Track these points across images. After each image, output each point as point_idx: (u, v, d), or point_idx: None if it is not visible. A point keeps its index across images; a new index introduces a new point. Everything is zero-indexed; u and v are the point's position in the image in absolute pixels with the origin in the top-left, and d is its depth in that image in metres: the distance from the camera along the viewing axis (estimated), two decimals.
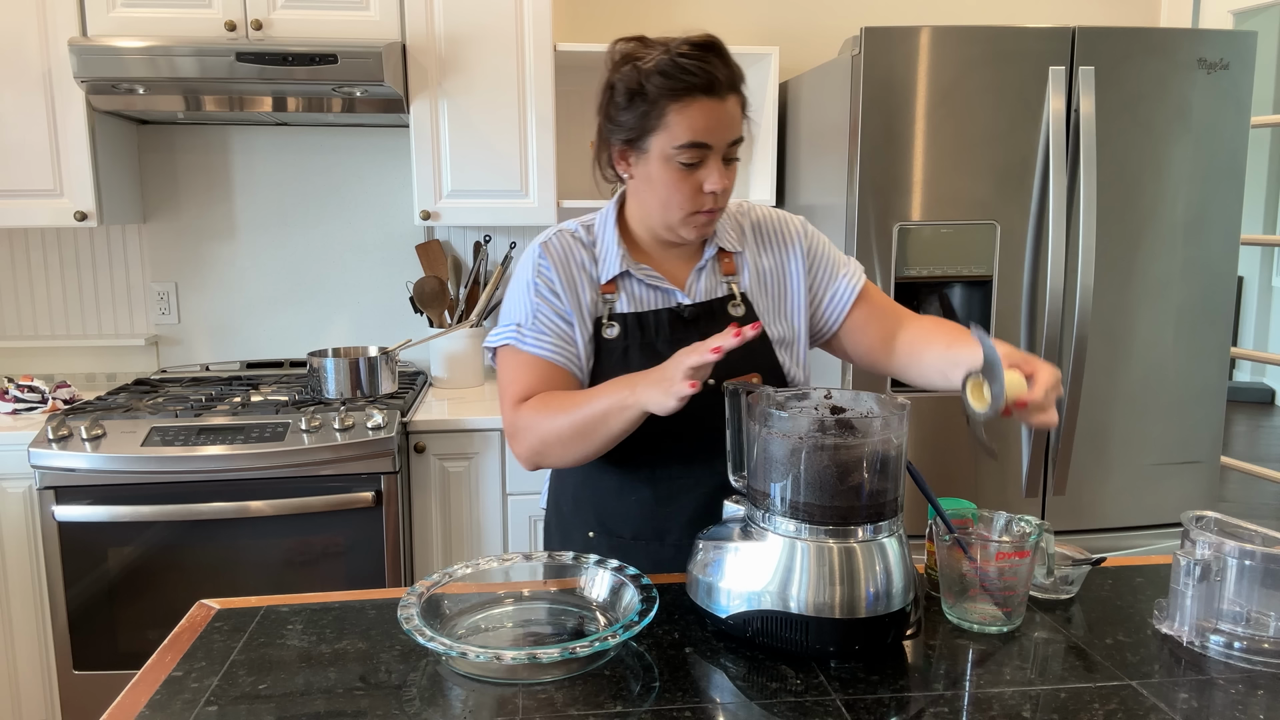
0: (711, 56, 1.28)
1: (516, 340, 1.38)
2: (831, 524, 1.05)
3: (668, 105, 1.27)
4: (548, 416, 1.30)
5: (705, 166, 1.30)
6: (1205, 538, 1.08)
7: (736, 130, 1.30)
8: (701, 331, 1.37)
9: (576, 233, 1.43)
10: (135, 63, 2.29)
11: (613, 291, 1.40)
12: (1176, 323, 2.34)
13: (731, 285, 1.43)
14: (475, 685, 0.99)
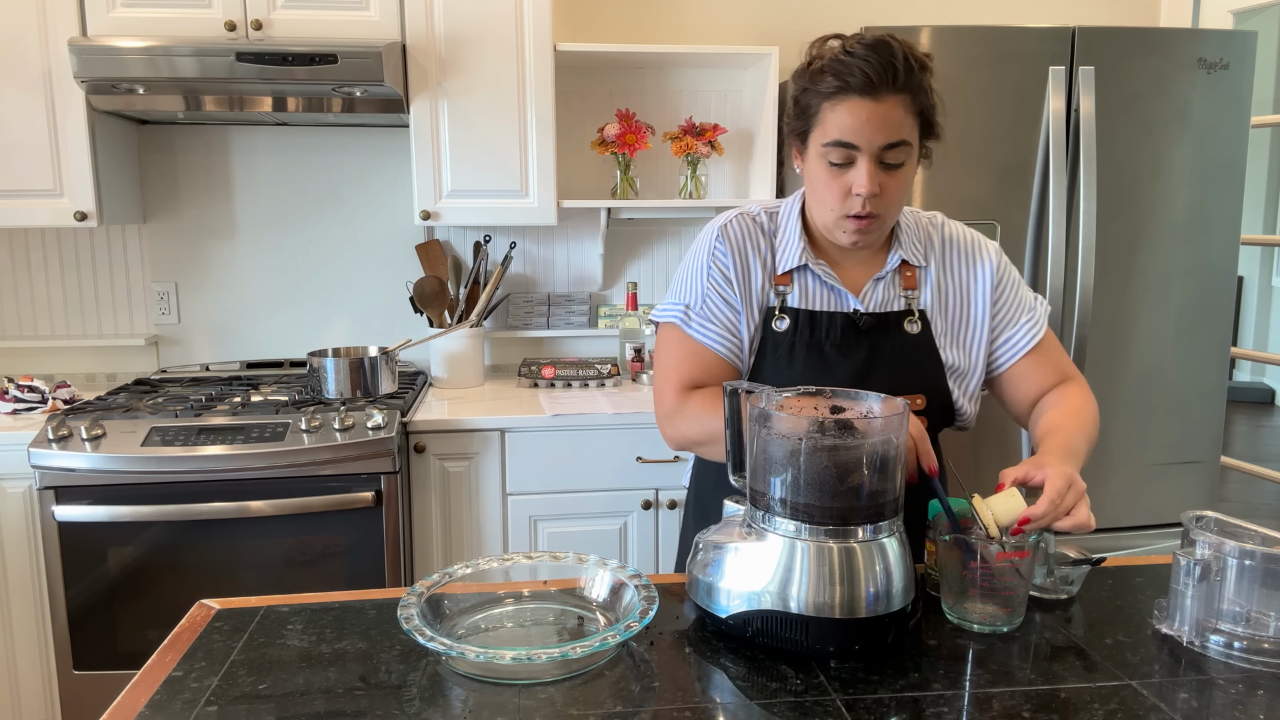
0: (874, 55, 1.25)
1: (683, 322, 1.39)
2: (831, 524, 1.05)
3: (822, 102, 1.27)
4: (714, 414, 1.32)
5: (855, 168, 1.27)
6: (1205, 538, 1.08)
7: (892, 133, 1.26)
8: (874, 343, 1.35)
9: (758, 217, 1.42)
10: (135, 63, 2.29)
11: (787, 283, 1.38)
12: (1176, 323, 2.34)
13: (910, 300, 1.40)
14: (475, 685, 0.99)
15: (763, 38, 2.96)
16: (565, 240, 2.99)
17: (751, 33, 2.97)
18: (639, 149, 2.76)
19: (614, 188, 2.88)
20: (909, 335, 1.38)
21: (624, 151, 2.77)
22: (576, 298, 2.98)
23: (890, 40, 1.27)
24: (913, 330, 1.38)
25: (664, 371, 1.41)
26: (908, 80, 1.27)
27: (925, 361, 1.38)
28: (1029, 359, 1.43)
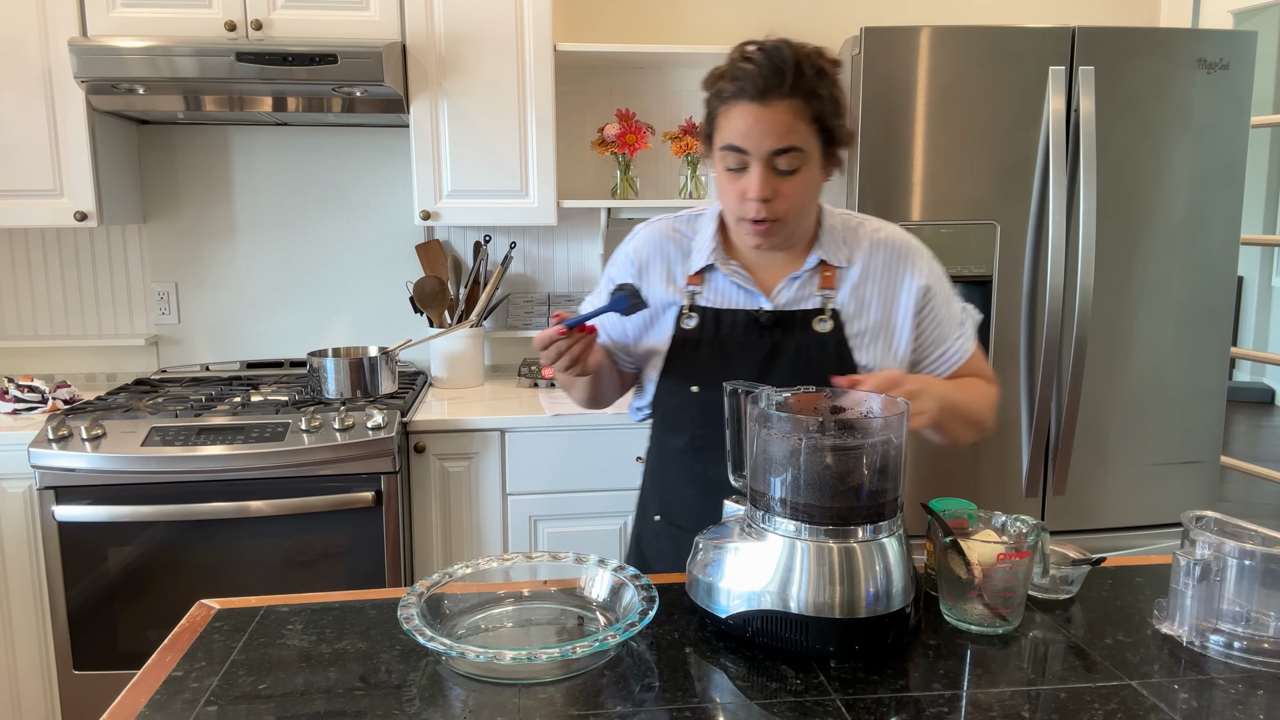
0: (767, 61, 1.27)
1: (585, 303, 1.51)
2: (831, 524, 1.05)
3: (719, 106, 1.31)
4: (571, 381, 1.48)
5: (748, 172, 1.29)
6: (1205, 538, 1.07)
7: (781, 138, 1.26)
8: (776, 340, 1.36)
9: (677, 224, 1.47)
10: (135, 63, 2.29)
11: (698, 283, 1.41)
12: (1176, 323, 2.34)
13: (825, 299, 1.39)
14: (475, 685, 0.99)
15: (762, 38, 2.95)
16: (565, 240, 2.99)
17: (751, 33, 2.95)
18: (639, 149, 2.76)
19: (614, 188, 2.88)
20: (816, 333, 1.37)
21: (624, 151, 2.77)
22: (576, 298, 2.98)
23: (786, 46, 1.29)
24: (822, 329, 1.37)
25: None
26: (798, 85, 1.26)
27: (832, 360, 1.37)
28: (956, 372, 1.47)
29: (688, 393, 1.39)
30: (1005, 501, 2.34)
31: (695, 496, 1.41)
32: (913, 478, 2.33)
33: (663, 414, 1.46)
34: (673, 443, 1.44)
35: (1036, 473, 2.34)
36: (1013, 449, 2.33)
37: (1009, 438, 2.33)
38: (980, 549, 1.11)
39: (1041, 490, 2.35)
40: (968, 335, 1.48)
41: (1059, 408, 2.30)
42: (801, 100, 1.26)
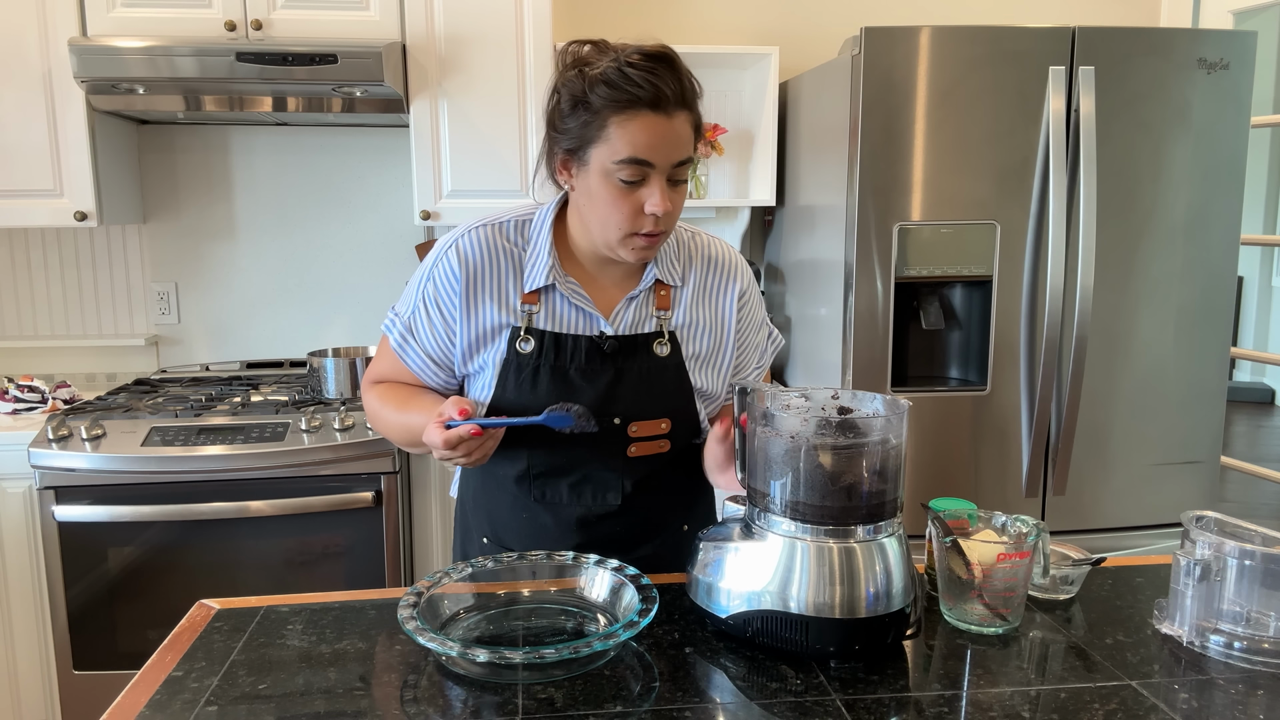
0: (662, 69, 1.19)
1: (388, 328, 1.40)
2: (831, 524, 1.05)
3: (610, 116, 1.19)
4: (381, 407, 1.37)
5: (647, 186, 1.21)
6: (1205, 538, 1.08)
7: (684, 150, 1.22)
8: (619, 366, 1.31)
9: (504, 228, 1.34)
10: (135, 63, 2.29)
11: (535, 302, 1.32)
12: (1176, 323, 2.34)
13: (661, 321, 1.35)
14: (475, 685, 0.99)
15: (763, 38, 2.96)
16: None
17: (751, 33, 2.97)
18: None
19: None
20: (657, 358, 1.34)
21: None
22: None
23: (671, 52, 1.22)
24: (661, 353, 1.34)
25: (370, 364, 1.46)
26: (691, 96, 1.23)
27: (672, 385, 1.34)
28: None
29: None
30: (1005, 501, 2.34)
31: (529, 522, 1.37)
32: (913, 477, 2.33)
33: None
34: (505, 469, 1.36)
35: (1036, 473, 2.34)
36: (1013, 449, 2.33)
37: (1009, 438, 2.33)
38: (980, 549, 1.11)
39: (1041, 490, 2.35)
40: (767, 360, 1.50)
41: (1059, 408, 2.30)
42: (691, 111, 1.23)
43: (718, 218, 3.03)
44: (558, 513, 1.36)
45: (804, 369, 2.68)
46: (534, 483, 1.35)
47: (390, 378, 1.40)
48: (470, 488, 1.46)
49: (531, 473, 1.35)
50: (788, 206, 2.79)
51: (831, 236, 2.39)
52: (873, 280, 2.25)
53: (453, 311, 1.33)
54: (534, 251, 1.33)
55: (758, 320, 1.46)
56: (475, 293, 1.32)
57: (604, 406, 1.30)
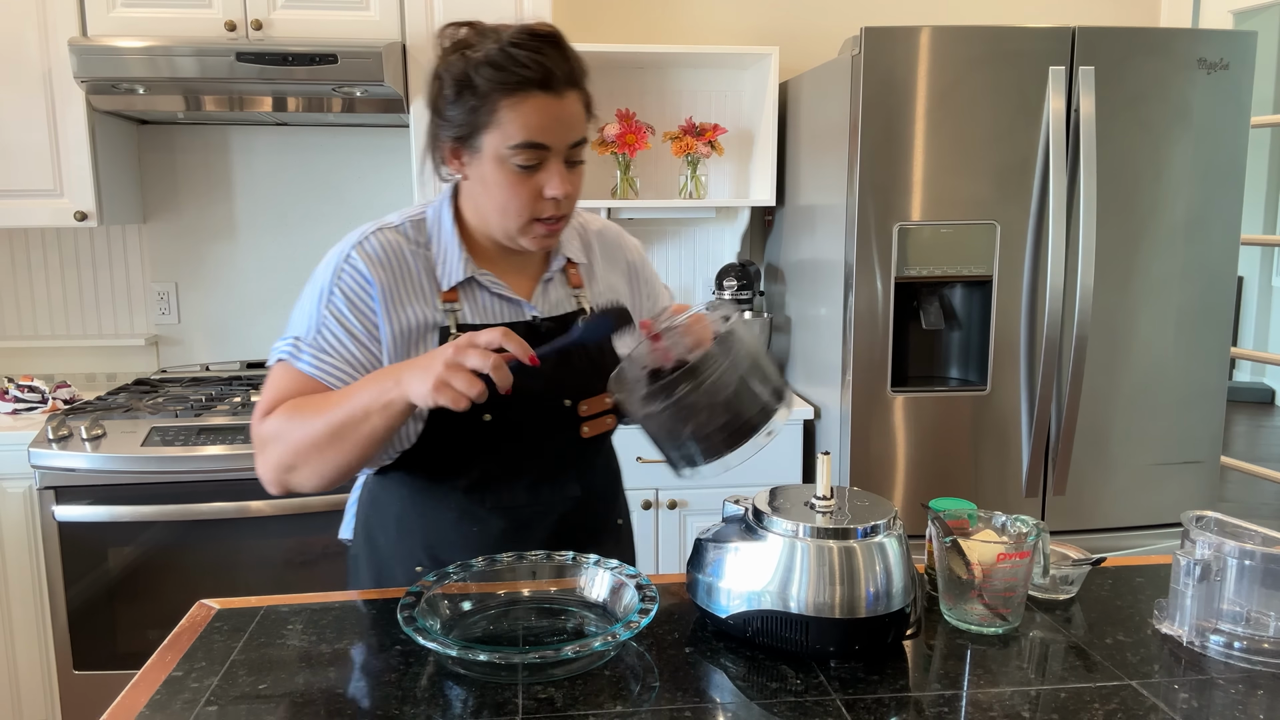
0: (548, 48, 1.15)
1: (291, 356, 1.20)
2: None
3: (499, 100, 1.14)
4: (298, 421, 1.14)
5: (545, 169, 1.18)
6: (1205, 538, 1.08)
7: (579, 130, 1.19)
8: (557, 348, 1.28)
9: (403, 229, 1.28)
10: (135, 63, 2.29)
11: (455, 300, 1.26)
12: (1176, 323, 2.34)
13: (580, 298, 1.34)
14: (475, 685, 0.99)
15: (763, 38, 2.96)
16: None
17: (751, 33, 2.97)
18: (639, 149, 2.76)
19: (614, 188, 2.88)
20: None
21: (624, 151, 2.77)
22: None
23: (556, 31, 1.17)
24: None
25: (260, 398, 1.21)
26: (580, 75, 1.18)
27: (606, 360, 1.31)
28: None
29: (478, 423, 1.23)
30: (1005, 501, 2.34)
31: (480, 534, 1.29)
32: (913, 477, 2.33)
33: (436, 453, 1.26)
34: (449, 483, 1.28)
35: (1036, 473, 2.34)
36: (1013, 449, 2.33)
37: (1009, 438, 2.33)
38: (980, 549, 1.11)
39: (1041, 490, 2.35)
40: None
41: (1059, 408, 2.30)
42: (581, 91, 1.19)
43: (718, 218, 3.03)
44: (513, 516, 1.30)
45: (804, 369, 2.68)
46: (487, 490, 1.27)
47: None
48: (390, 512, 1.32)
49: (483, 480, 1.27)
50: (788, 206, 2.79)
51: (831, 236, 2.39)
52: (873, 280, 2.25)
53: (373, 316, 1.22)
54: (440, 249, 1.27)
55: (655, 280, 1.47)
56: (394, 293, 1.23)
57: (553, 390, 1.28)
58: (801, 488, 1.16)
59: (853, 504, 1.12)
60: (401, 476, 1.31)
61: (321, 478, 1.16)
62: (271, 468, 1.17)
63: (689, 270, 3.06)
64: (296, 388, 1.19)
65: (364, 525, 1.38)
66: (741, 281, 2.79)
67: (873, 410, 2.29)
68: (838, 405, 2.37)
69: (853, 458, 2.31)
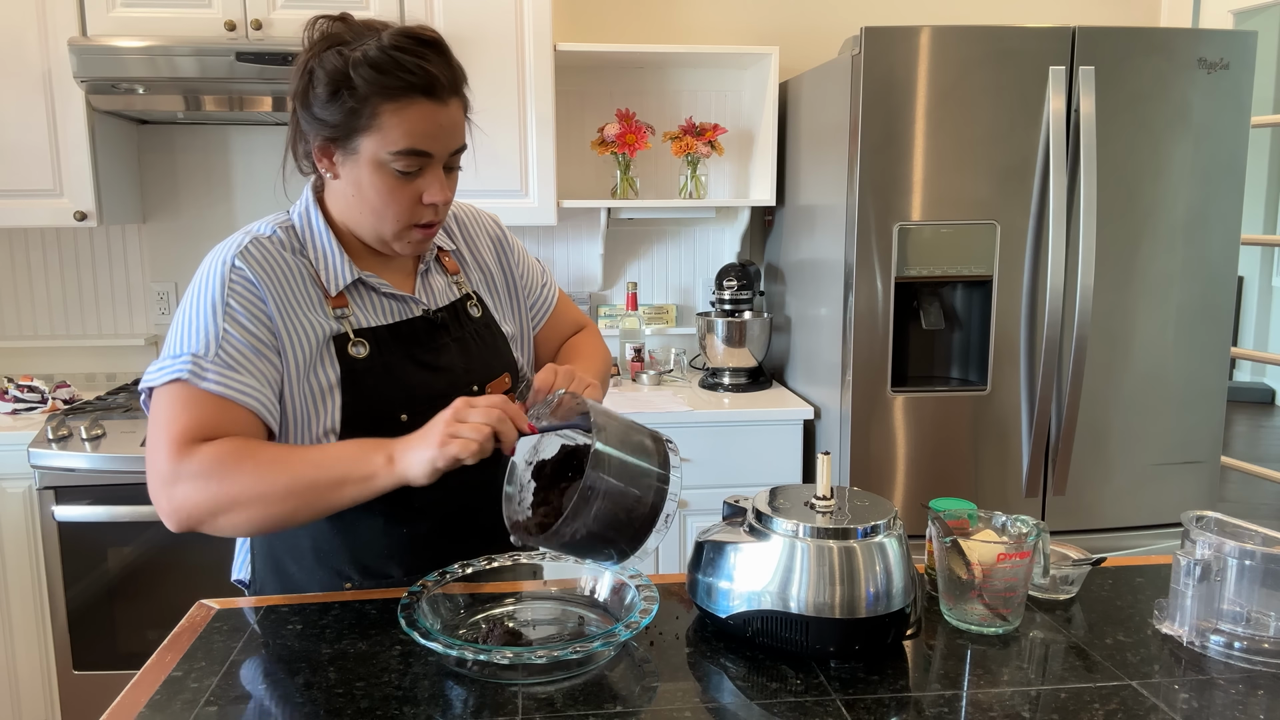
0: (432, 54, 1.12)
1: (194, 375, 1.09)
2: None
3: (381, 104, 1.10)
4: (248, 467, 1.06)
5: (425, 176, 1.16)
6: (1205, 538, 1.07)
7: (460, 138, 1.17)
8: (454, 338, 1.28)
9: (276, 237, 1.22)
10: (135, 63, 2.29)
11: (345, 305, 1.21)
12: (1176, 323, 2.34)
13: (460, 285, 1.34)
14: (475, 685, 0.99)
15: (763, 38, 2.96)
16: (565, 240, 2.99)
17: (751, 33, 2.97)
18: (639, 149, 2.76)
19: (614, 188, 2.88)
20: (476, 319, 1.33)
21: (624, 151, 2.77)
22: (576, 297, 2.98)
23: (438, 36, 1.14)
24: (476, 314, 1.33)
25: (159, 430, 1.08)
26: (461, 82, 1.17)
27: (499, 341, 1.34)
28: (552, 319, 1.48)
29: (395, 424, 1.18)
30: (1005, 501, 2.34)
31: (409, 536, 1.25)
32: (913, 477, 2.33)
33: None
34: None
35: (1036, 473, 2.34)
36: (1013, 449, 2.33)
37: (1009, 438, 2.33)
38: (980, 549, 1.11)
39: (1041, 490, 2.35)
40: (550, 280, 1.50)
41: (1059, 408, 2.30)
42: (461, 98, 1.17)
43: (718, 218, 3.03)
44: (442, 512, 1.26)
45: (804, 369, 2.68)
46: (413, 491, 1.13)
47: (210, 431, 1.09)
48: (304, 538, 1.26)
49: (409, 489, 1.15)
50: (788, 206, 2.79)
51: (831, 236, 2.39)
52: (873, 280, 2.25)
53: (271, 326, 1.15)
54: (319, 253, 1.22)
55: (519, 246, 1.47)
56: (284, 303, 1.17)
57: (462, 379, 1.27)
58: (801, 488, 1.16)
59: (853, 504, 1.12)
60: None
61: (254, 528, 1.09)
62: (194, 505, 1.06)
63: (689, 270, 3.06)
64: (207, 412, 1.09)
65: (268, 558, 1.30)
66: (741, 281, 2.79)
67: (873, 410, 2.29)
68: (838, 405, 2.37)
69: (853, 458, 2.31)
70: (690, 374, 2.97)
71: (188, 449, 1.07)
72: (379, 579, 1.26)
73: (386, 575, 1.26)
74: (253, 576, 1.33)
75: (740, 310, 2.80)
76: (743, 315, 2.79)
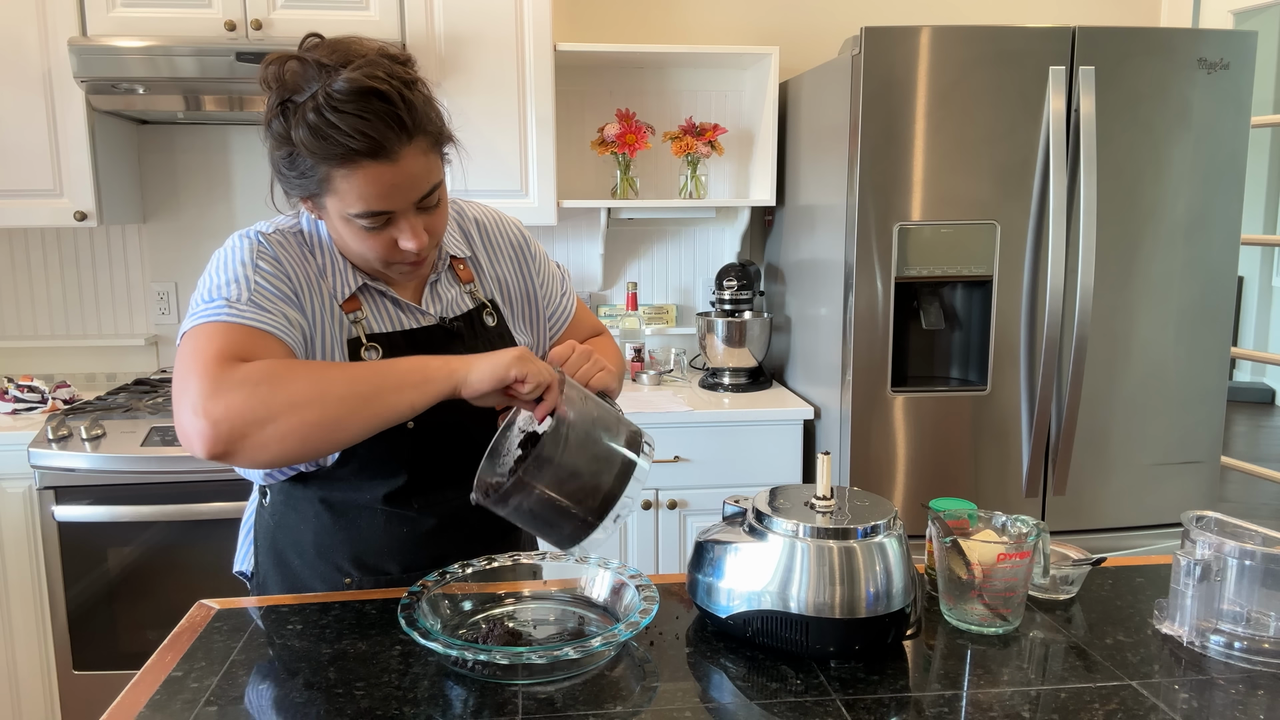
0: (372, 110, 1.04)
1: (230, 315, 1.07)
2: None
3: (329, 170, 1.07)
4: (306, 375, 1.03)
5: (395, 225, 1.13)
6: (1205, 538, 1.08)
7: (424, 184, 1.12)
8: (468, 347, 1.26)
9: (286, 235, 1.21)
10: (135, 63, 2.29)
11: (357, 308, 1.21)
12: (1176, 323, 2.34)
13: (474, 293, 1.32)
14: (475, 685, 0.99)
15: (763, 38, 2.96)
16: (565, 240, 2.99)
17: (751, 33, 2.97)
18: (639, 149, 2.76)
19: (614, 188, 2.88)
20: (491, 328, 1.32)
21: (624, 151, 2.77)
22: None
23: (382, 84, 1.05)
24: (491, 323, 1.32)
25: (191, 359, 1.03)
26: (414, 120, 1.08)
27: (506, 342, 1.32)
28: (570, 327, 1.46)
29: (402, 429, 1.17)
30: (1005, 501, 2.34)
31: (409, 535, 1.26)
32: (913, 477, 2.33)
33: (360, 464, 1.22)
34: (372, 491, 1.23)
35: (1036, 473, 2.34)
36: (1013, 449, 2.33)
37: (1009, 438, 2.33)
38: (980, 549, 1.11)
39: (1041, 490, 2.35)
40: (568, 286, 1.48)
41: (1059, 408, 2.30)
42: (424, 135, 1.10)
43: (718, 218, 3.03)
44: (443, 512, 1.27)
45: (804, 369, 2.68)
46: (414, 493, 1.24)
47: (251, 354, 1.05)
48: (306, 533, 1.27)
49: (408, 487, 1.24)
50: (788, 206, 2.79)
51: (831, 236, 2.39)
52: (873, 280, 2.25)
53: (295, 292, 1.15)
54: (326, 258, 1.22)
55: (541, 253, 1.45)
56: (303, 290, 1.17)
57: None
58: (801, 488, 1.16)
59: (853, 504, 1.12)
60: (313, 495, 1.26)
61: (300, 438, 1.01)
62: (240, 412, 0.99)
63: (689, 270, 3.06)
64: (245, 340, 1.05)
65: (270, 551, 1.31)
66: (741, 281, 2.79)
67: (873, 410, 2.29)
68: (838, 405, 2.37)
69: (853, 458, 2.31)
70: (690, 374, 2.97)
71: (227, 365, 1.02)
72: (377, 575, 1.27)
73: (385, 572, 1.27)
74: (255, 569, 1.35)
75: (740, 310, 2.80)
76: (743, 315, 2.79)
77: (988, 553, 1.10)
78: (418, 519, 1.27)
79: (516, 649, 0.99)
